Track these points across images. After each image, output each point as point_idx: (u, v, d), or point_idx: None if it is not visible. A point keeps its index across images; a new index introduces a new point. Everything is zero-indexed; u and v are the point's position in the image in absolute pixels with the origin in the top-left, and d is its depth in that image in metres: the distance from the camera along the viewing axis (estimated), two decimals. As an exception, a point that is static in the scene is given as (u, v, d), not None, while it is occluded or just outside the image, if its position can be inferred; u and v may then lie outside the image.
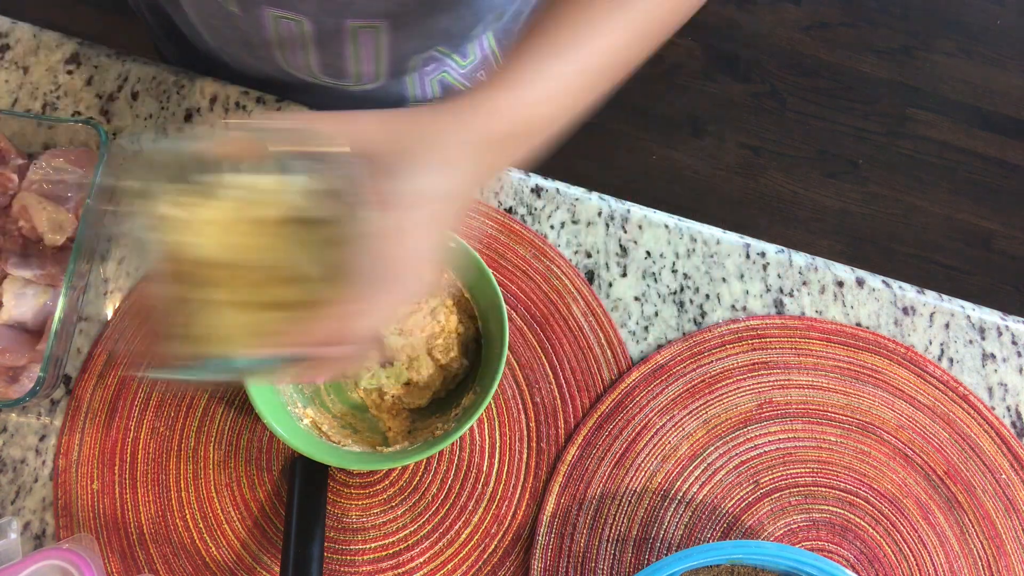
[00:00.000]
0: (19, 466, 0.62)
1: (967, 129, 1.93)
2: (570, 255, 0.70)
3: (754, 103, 1.91)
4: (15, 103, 0.71)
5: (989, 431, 0.67)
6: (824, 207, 1.84)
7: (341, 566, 0.61)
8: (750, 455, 0.65)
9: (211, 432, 0.63)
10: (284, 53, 0.67)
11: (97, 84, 0.72)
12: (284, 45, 0.66)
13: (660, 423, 0.65)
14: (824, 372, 0.67)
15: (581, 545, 0.62)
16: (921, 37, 1.99)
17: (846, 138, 1.90)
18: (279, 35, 0.65)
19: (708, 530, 0.63)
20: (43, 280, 0.63)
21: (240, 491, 0.62)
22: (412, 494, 0.62)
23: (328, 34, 0.63)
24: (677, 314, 0.69)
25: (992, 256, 1.84)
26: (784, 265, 0.71)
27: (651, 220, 0.72)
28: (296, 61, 0.69)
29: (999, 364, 0.69)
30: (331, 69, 0.69)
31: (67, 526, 0.60)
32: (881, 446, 0.66)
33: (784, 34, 1.98)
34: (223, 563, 0.60)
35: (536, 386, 0.65)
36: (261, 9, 0.61)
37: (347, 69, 0.69)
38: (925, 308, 0.71)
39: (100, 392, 0.63)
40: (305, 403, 0.61)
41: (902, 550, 0.64)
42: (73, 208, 0.64)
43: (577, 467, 0.64)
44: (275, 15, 0.61)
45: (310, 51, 0.67)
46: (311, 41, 0.65)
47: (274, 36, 0.65)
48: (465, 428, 0.54)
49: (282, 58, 0.69)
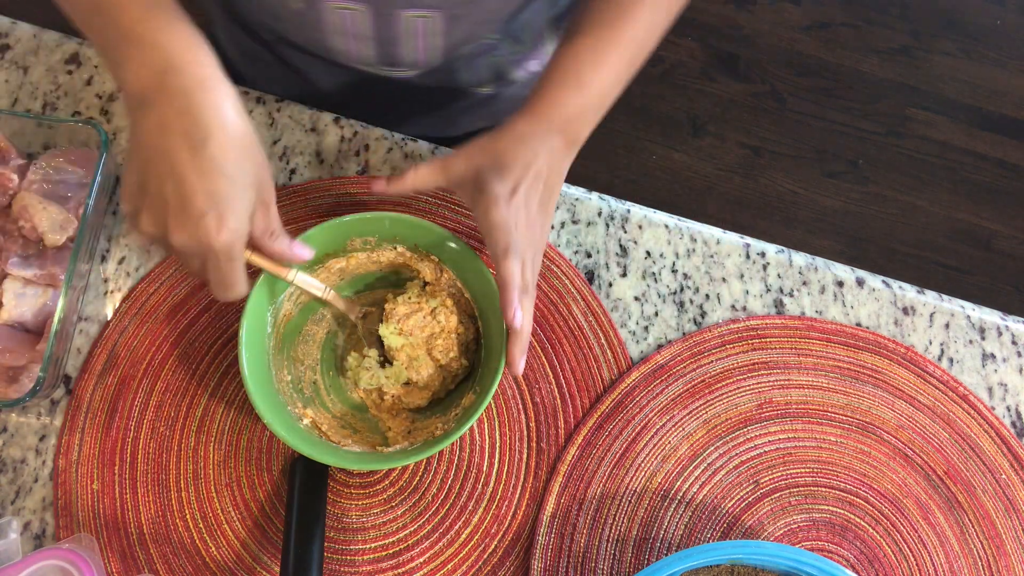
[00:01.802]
0: (19, 466, 0.62)
1: (967, 129, 1.93)
2: (570, 255, 0.70)
3: (754, 103, 1.91)
4: (15, 103, 0.71)
5: (989, 431, 0.67)
6: (824, 207, 1.84)
7: (341, 566, 0.61)
8: (750, 455, 0.65)
9: (211, 432, 0.63)
10: (342, 43, 0.68)
11: (97, 84, 0.72)
12: (342, 35, 0.67)
13: (660, 423, 0.65)
14: (824, 372, 0.67)
15: (581, 545, 0.62)
16: (921, 37, 1.99)
17: (846, 138, 1.90)
18: (338, 26, 0.66)
19: (708, 530, 0.63)
20: (43, 280, 0.63)
21: (240, 491, 0.62)
22: (412, 494, 0.62)
23: (385, 23, 0.65)
24: (677, 314, 0.69)
25: (992, 256, 1.84)
26: (784, 265, 0.71)
27: (651, 220, 0.72)
28: (351, 51, 0.69)
29: (999, 364, 0.69)
30: (386, 57, 0.70)
31: (67, 526, 0.60)
32: (881, 446, 0.66)
33: (784, 34, 1.98)
34: (223, 563, 0.60)
35: (536, 386, 0.65)
36: (323, 3, 0.63)
37: (402, 56, 0.70)
38: (925, 308, 0.71)
39: (100, 392, 0.63)
40: (305, 403, 0.61)
41: (902, 550, 0.64)
42: (73, 208, 0.64)
43: (577, 467, 0.64)
44: (334, 7, 0.63)
45: (366, 40, 0.68)
46: (368, 30, 0.66)
47: (333, 27, 0.66)
48: (465, 428, 0.54)
49: (339, 48, 0.69)
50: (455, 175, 0.57)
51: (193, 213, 0.47)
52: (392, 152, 0.72)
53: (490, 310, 0.59)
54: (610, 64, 0.59)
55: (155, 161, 0.47)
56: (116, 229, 0.68)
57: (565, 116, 0.58)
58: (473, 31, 0.69)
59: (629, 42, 0.59)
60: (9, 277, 0.63)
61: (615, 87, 0.60)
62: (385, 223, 0.60)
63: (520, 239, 0.54)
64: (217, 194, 0.47)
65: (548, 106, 0.58)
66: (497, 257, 0.53)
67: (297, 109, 0.72)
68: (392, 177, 0.58)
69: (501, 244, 0.53)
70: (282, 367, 0.61)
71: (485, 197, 0.54)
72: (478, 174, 0.56)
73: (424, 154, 0.72)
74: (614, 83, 0.60)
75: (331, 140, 0.72)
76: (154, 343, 0.64)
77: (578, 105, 0.58)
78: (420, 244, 0.62)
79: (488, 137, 0.58)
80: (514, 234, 0.54)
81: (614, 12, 0.59)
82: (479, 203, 0.55)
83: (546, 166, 0.57)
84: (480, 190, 0.55)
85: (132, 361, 0.64)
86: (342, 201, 0.69)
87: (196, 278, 0.58)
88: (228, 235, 0.48)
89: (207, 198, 0.47)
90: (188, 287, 0.66)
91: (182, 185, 0.47)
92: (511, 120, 0.58)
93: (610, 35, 0.59)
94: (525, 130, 0.57)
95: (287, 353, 0.62)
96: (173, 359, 0.64)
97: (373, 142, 0.72)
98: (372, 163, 0.71)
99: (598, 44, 0.59)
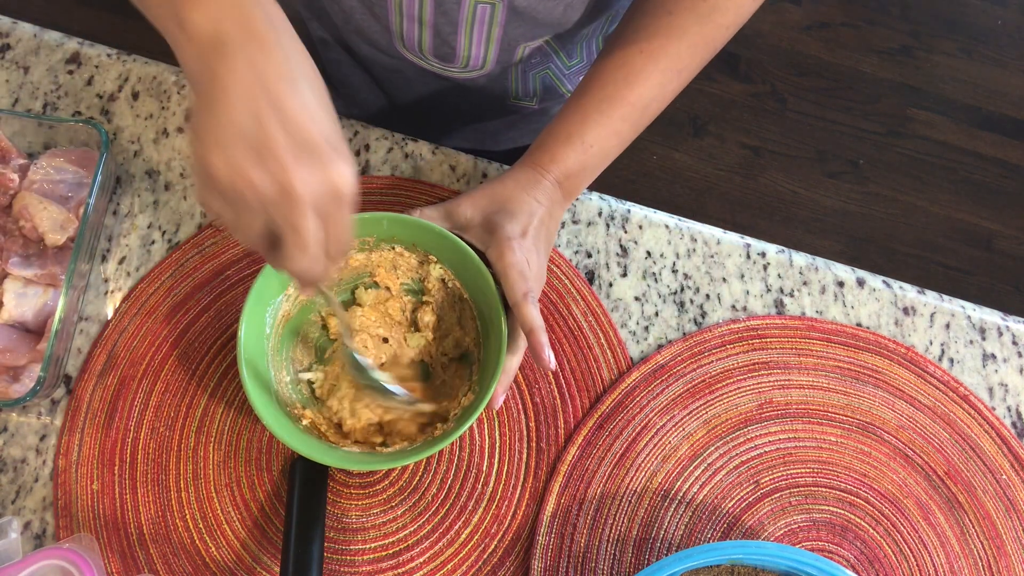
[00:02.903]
0: (19, 466, 0.62)
1: (967, 129, 1.93)
2: (570, 255, 0.70)
3: (754, 103, 1.91)
4: (16, 103, 0.71)
5: (989, 431, 0.67)
6: (824, 207, 1.84)
7: (341, 566, 0.61)
8: (750, 455, 0.65)
9: (211, 432, 0.63)
10: (400, 26, 0.69)
11: (97, 84, 0.72)
12: (401, 17, 0.68)
13: (660, 423, 0.65)
14: (824, 372, 0.67)
15: (581, 545, 0.62)
16: (921, 37, 1.99)
17: (846, 138, 1.90)
18: (399, 6, 0.66)
19: (708, 530, 0.63)
20: (43, 280, 0.63)
21: (240, 491, 0.62)
22: (412, 494, 0.62)
23: (445, 9, 0.65)
24: (677, 314, 0.69)
25: (992, 256, 1.84)
26: (784, 265, 0.71)
27: (651, 220, 0.72)
28: (411, 38, 0.70)
29: (999, 364, 0.69)
30: (442, 49, 0.71)
31: (67, 526, 0.60)
32: (881, 446, 0.66)
33: (784, 34, 1.98)
34: (223, 563, 0.60)
35: (536, 386, 0.65)
36: None
37: (457, 51, 0.70)
38: (925, 308, 0.71)
39: (100, 392, 0.63)
40: (304, 404, 0.61)
41: (902, 550, 0.64)
42: (73, 208, 0.64)
43: (577, 467, 0.63)
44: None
45: (425, 29, 0.68)
46: (428, 18, 0.67)
47: (395, 7, 0.67)
48: (465, 428, 0.54)
49: (397, 34, 0.70)
50: (461, 219, 0.60)
51: (318, 151, 0.41)
52: (392, 152, 0.72)
53: (489, 310, 0.59)
54: (614, 126, 0.60)
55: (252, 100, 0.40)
56: (116, 229, 0.68)
57: (565, 171, 0.61)
58: (532, 31, 0.69)
59: (636, 104, 0.60)
60: (10, 277, 0.63)
61: (617, 148, 0.62)
62: (383, 223, 0.60)
63: (533, 281, 0.56)
64: (333, 134, 0.42)
65: (550, 160, 0.60)
66: (518, 303, 0.55)
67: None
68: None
69: (520, 288, 0.55)
70: (281, 368, 0.61)
71: (499, 239, 0.57)
72: (487, 218, 0.59)
73: (423, 154, 0.72)
74: (617, 145, 0.62)
75: (331, 140, 0.71)
76: (154, 343, 0.64)
77: (579, 163, 0.60)
78: (418, 244, 0.62)
79: (491, 184, 0.61)
80: (529, 276, 0.56)
81: (624, 73, 0.60)
82: (493, 245, 0.57)
83: (547, 213, 0.60)
84: (492, 232, 0.58)
85: (132, 361, 0.64)
86: (342, 201, 0.69)
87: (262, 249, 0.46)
88: (353, 173, 0.43)
89: (324, 138, 0.41)
90: (188, 287, 0.66)
91: (295, 123, 0.40)
92: (513, 169, 0.62)
93: (618, 96, 0.60)
94: (527, 180, 0.60)
95: (286, 354, 0.62)
96: (173, 359, 0.64)
97: (373, 142, 0.72)
98: (372, 163, 0.71)
99: (603, 105, 0.60)
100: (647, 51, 0.59)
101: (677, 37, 0.59)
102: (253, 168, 0.40)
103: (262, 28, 0.41)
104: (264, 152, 0.40)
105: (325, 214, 0.42)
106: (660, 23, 0.59)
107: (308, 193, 0.41)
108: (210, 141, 0.41)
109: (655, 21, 0.59)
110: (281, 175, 0.40)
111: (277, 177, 0.40)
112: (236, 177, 0.40)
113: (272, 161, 0.40)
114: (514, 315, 0.56)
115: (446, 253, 0.61)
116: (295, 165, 0.40)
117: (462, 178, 0.71)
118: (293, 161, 0.40)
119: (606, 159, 0.62)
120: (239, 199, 0.41)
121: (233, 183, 0.41)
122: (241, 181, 0.40)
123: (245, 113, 0.40)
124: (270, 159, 0.40)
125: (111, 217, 0.68)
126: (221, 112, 0.40)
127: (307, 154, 0.40)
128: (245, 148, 0.40)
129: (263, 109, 0.40)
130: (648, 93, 0.60)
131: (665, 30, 0.59)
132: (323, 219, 0.42)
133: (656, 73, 0.59)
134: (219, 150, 0.40)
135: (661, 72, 0.60)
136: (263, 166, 0.40)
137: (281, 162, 0.40)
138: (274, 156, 0.40)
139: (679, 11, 0.58)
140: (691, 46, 0.59)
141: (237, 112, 0.40)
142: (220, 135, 0.40)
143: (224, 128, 0.40)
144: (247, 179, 0.40)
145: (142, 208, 0.69)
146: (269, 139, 0.40)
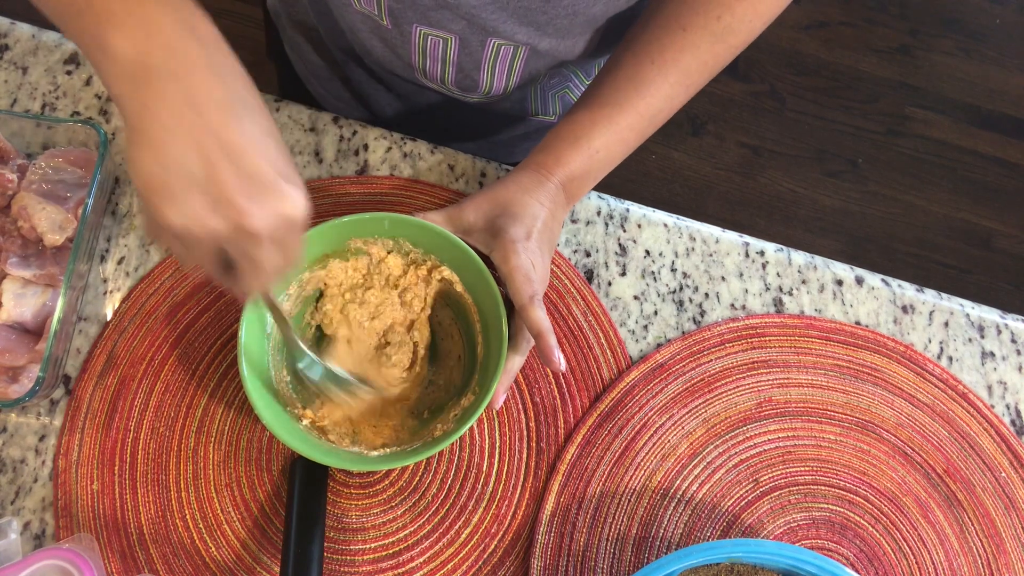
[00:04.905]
0: (19, 466, 0.62)
1: (966, 128, 1.93)
2: (569, 254, 0.70)
3: (754, 102, 1.91)
4: (14, 103, 0.71)
5: (988, 429, 0.67)
6: (824, 206, 1.84)
7: (341, 566, 0.61)
8: (750, 453, 0.65)
9: (211, 432, 0.63)
10: (423, 65, 0.70)
11: (96, 84, 0.72)
12: (424, 58, 0.68)
13: (660, 422, 0.65)
14: (823, 370, 0.67)
15: (581, 544, 0.62)
16: (921, 36, 1.99)
17: (846, 137, 1.90)
18: (423, 49, 0.67)
19: (708, 528, 0.63)
20: (42, 280, 0.63)
21: (240, 491, 0.62)
22: (412, 494, 0.62)
23: (470, 50, 0.66)
24: (676, 313, 0.69)
25: (992, 255, 1.84)
26: (783, 264, 0.71)
27: (650, 219, 0.72)
28: (433, 73, 0.71)
29: (998, 362, 0.69)
30: (464, 83, 0.72)
31: (67, 526, 0.60)
32: (880, 444, 0.66)
33: (784, 34, 1.98)
34: (223, 563, 0.60)
35: (536, 386, 0.65)
36: (411, 26, 0.64)
37: (480, 83, 0.72)
38: (924, 306, 0.71)
39: (100, 392, 0.63)
40: (304, 403, 0.61)
41: (901, 548, 0.64)
42: (72, 208, 0.64)
43: (577, 466, 0.64)
44: (424, 32, 0.64)
45: (448, 67, 0.69)
46: (452, 58, 0.67)
47: (418, 49, 0.67)
48: (465, 428, 0.54)
49: (419, 69, 0.71)
50: (465, 224, 0.60)
51: (269, 185, 0.40)
52: (391, 151, 0.72)
53: (489, 311, 0.59)
54: (621, 134, 0.61)
55: (192, 137, 0.39)
56: (115, 229, 0.68)
57: (570, 174, 0.61)
58: (553, 63, 0.71)
59: (644, 113, 0.61)
60: (8, 277, 0.63)
61: (621, 156, 0.62)
62: (384, 224, 0.60)
63: (538, 283, 0.56)
64: (279, 160, 0.41)
65: (555, 163, 0.61)
66: (525, 306, 0.55)
67: (296, 109, 0.72)
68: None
69: (526, 291, 0.55)
70: (281, 367, 0.61)
71: (504, 242, 0.57)
72: (491, 222, 0.59)
73: (422, 153, 0.72)
74: (621, 152, 0.62)
75: (330, 139, 0.72)
76: (153, 343, 0.64)
77: (584, 167, 0.61)
78: (419, 244, 0.62)
79: (493, 188, 0.61)
80: (535, 279, 0.56)
81: (636, 83, 0.60)
82: (497, 248, 0.57)
83: (551, 216, 0.60)
84: (496, 236, 0.58)
85: (132, 361, 0.64)
86: (341, 201, 0.69)
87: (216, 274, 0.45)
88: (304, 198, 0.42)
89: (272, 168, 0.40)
90: (188, 287, 0.66)
91: (241, 157, 0.39)
92: (515, 172, 0.61)
93: (627, 104, 0.60)
94: (530, 182, 0.60)
95: (286, 353, 0.62)
96: (173, 360, 0.64)
97: (372, 141, 0.72)
98: (371, 163, 0.71)
99: (612, 112, 0.60)
100: (659, 63, 0.59)
101: (690, 53, 0.59)
102: (209, 216, 0.39)
103: (192, 51, 0.40)
104: (219, 198, 0.39)
105: (279, 240, 0.42)
106: (674, 38, 0.59)
107: (264, 228, 0.40)
108: (161, 191, 0.39)
109: (668, 35, 0.59)
110: (238, 218, 0.40)
111: (233, 220, 0.40)
112: (192, 225, 0.40)
113: (227, 206, 0.39)
114: (517, 316, 0.56)
115: (447, 252, 0.61)
116: (249, 205, 0.39)
117: (460, 177, 0.71)
118: (247, 202, 0.39)
119: (609, 166, 0.62)
120: (194, 241, 0.41)
121: (189, 230, 0.40)
122: (198, 229, 0.40)
123: (189, 151, 0.39)
124: (224, 204, 0.39)
125: (110, 217, 0.68)
126: (161, 150, 0.39)
127: (258, 190, 0.40)
128: (198, 195, 0.39)
129: (208, 146, 0.39)
130: (656, 104, 0.60)
131: (679, 45, 0.59)
132: (277, 245, 0.42)
133: (666, 86, 0.60)
134: (171, 202, 0.39)
135: (671, 85, 0.60)
136: (219, 212, 0.39)
137: (236, 206, 0.39)
138: (228, 200, 0.39)
139: (693, 28, 0.58)
140: (702, 63, 0.60)
141: (179, 151, 0.39)
142: (169, 182, 0.39)
143: (171, 173, 0.39)
144: (204, 226, 0.40)
145: (141, 208, 0.69)
146: (221, 183, 0.39)
